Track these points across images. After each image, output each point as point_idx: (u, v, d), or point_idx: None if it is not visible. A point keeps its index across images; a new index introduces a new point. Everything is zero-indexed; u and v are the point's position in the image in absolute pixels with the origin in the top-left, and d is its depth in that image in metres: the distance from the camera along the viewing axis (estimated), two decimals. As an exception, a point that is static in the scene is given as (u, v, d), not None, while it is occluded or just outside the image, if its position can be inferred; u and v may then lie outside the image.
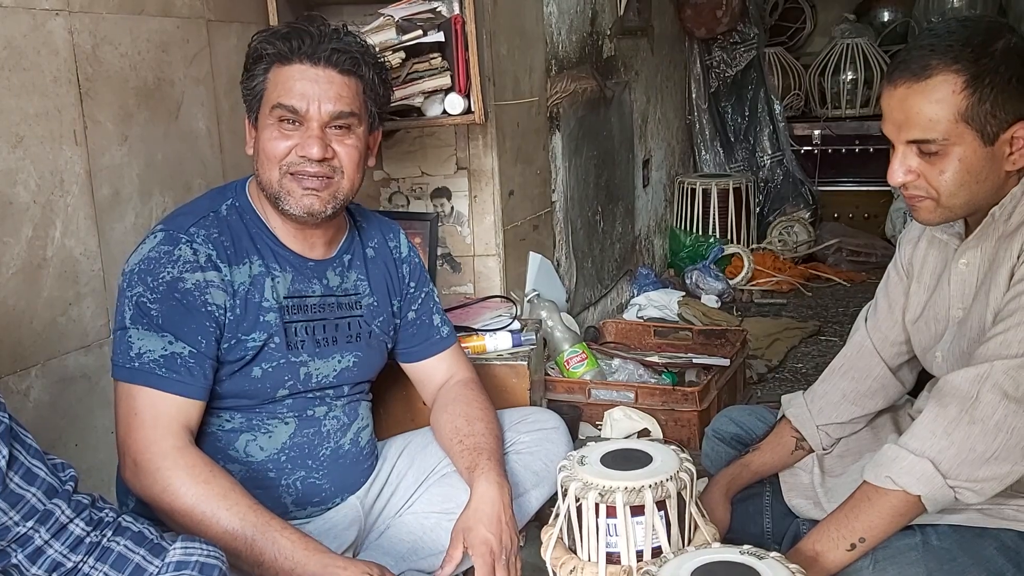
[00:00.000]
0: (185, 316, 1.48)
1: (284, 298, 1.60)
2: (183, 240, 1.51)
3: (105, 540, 1.13)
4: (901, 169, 1.38)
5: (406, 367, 1.85)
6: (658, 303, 3.67)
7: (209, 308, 1.50)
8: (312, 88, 1.53)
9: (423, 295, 1.85)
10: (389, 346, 1.80)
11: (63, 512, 1.10)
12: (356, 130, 1.59)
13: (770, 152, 4.97)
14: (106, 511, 1.14)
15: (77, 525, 1.11)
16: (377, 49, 2.07)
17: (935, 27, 1.39)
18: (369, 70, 1.59)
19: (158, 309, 1.47)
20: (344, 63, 1.55)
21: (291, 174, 1.55)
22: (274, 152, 1.54)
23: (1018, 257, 1.36)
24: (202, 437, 1.57)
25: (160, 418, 1.44)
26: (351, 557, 1.49)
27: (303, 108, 1.53)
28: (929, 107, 1.32)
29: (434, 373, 1.85)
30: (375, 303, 1.72)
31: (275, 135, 1.54)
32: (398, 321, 1.79)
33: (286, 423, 1.62)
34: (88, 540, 1.11)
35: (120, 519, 1.15)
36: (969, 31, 1.33)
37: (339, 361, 1.67)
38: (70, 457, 1.57)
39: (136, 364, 1.45)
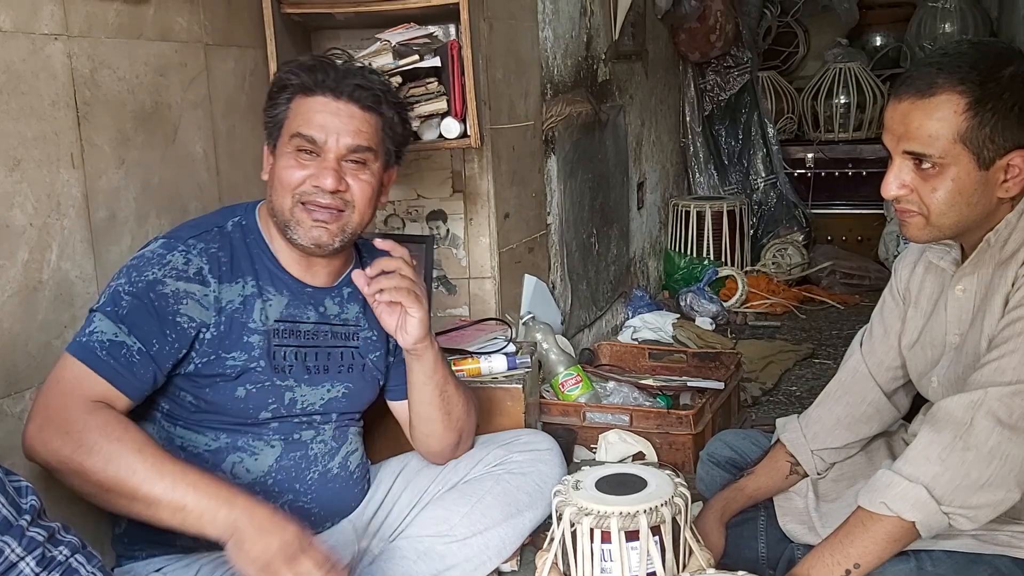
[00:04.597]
0: (149, 316, 1.49)
1: (275, 321, 1.60)
2: (179, 249, 1.55)
3: None
4: (895, 182, 1.39)
5: (394, 405, 1.85)
6: (653, 325, 3.68)
7: (178, 319, 1.51)
8: (332, 121, 1.56)
9: None
10: (381, 382, 1.79)
11: (13, 551, 1.06)
12: (371, 166, 1.61)
13: (764, 175, 4.99)
14: (61, 547, 1.11)
15: (28, 565, 1.07)
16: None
17: (947, 46, 1.41)
18: (390, 109, 1.63)
19: (128, 302, 1.49)
20: (366, 99, 1.58)
21: (303, 204, 1.56)
22: (289, 180, 1.57)
23: (1013, 284, 1.37)
24: (188, 459, 1.55)
25: (81, 389, 1.43)
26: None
27: (321, 139, 1.56)
28: (930, 124, 1.33)
29: None
30: (373, 337, 1.72)
31: (291, 164, 1.57)
32: (392, 359, 1.79)
33: (272, 446, 1.62)
34: None
35: (72, 559, 1.11)
36: (979, 54, 1.34)
37: (328, 390, 1.67)
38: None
39: (84, 340, 1.47)
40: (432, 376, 1.71)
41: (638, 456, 2.52)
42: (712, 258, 4.47)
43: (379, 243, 1.62)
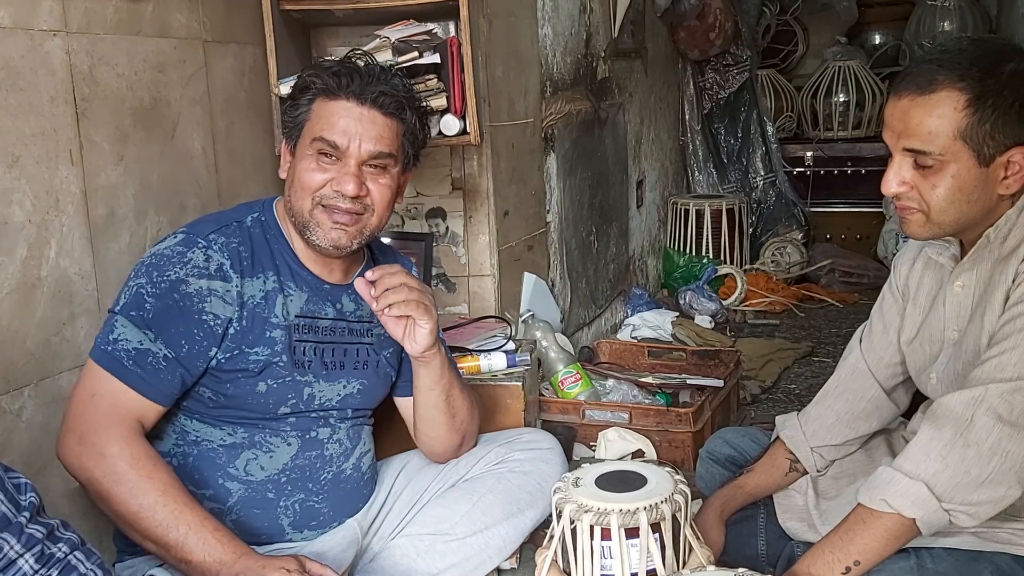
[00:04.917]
0: (176, 318, 1.50)
1: (296, 316, 1.61)
2: (199, 245, 1.54)
3: None
4: (895, 179, 1.39)
5: (397, 401, 1.85)
6: (652, 323, 3.68)
7: (204, 317, 1.51)
8: (355, 126, 1.56)
9: None
10: (393, 378, 1.80)
11: (12, 547, 1.06)
12: (391, 170, 1.61)
13: (763, 173, 5.00)
14: (60, 544, 1.11)
15: (26, 562, 1.07)
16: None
17: (947, 43, 1.41)
18: (412, 114, 1.63)
19: (153, 304, 1.49)
20: (390, 106, 1.58)
21: (323, 206, 1.57)
22: (310, 183, 1.57)
23: (1013, 280, 1.37)
24: (202, 453, 1.58)
25: (117, 408, 1.46)
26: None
27: (344, 145, 1.56)
28: (930, 120, 1.33)
29: None
30: (385, 334, 1.73)
31: (312, 167, 1.57)
32: (404, 354, 1.79)
33: (288, 443, 1.62)
34: None
35: (71, 556, 1.11)
36: (979, 51, 1.34)
37: (344, 386, 1.67)
38: (62, 479, 1.57)
39: (110, 348, 1.48)
40: (438, 382, 1.71)
41: (637, 454, 2.52)
42: (711, 256, 4.47)
43: (370, 275, 1.58)
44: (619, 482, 1.43)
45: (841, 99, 5.21)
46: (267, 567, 1.39)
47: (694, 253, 4.49)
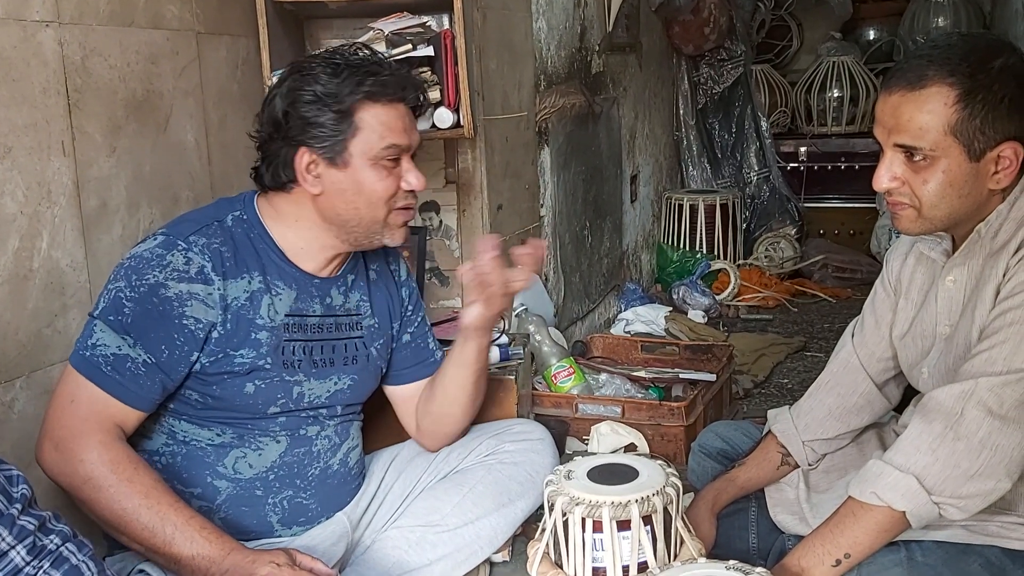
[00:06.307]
0: (155, 323, 1.48)
1: (285, 316, 1.59)
2: (179, 247, 1.51)
3: (40, 573, 1.08)
4: (887, 175, 1.39)
5: (391, 390, 1.85)
6: (645, 318, 3.68)
7: (185, 321, 1.49)
8: (408, 123, 1.60)
9: (419, 319, 1.86)
10: (383, 370, 1.80)
11: (3, 539, 1.06)
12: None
13: (757, 168, 5.00)
14: (52, 536, 1.10)
15: (18, 553, 1.07)
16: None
17: (937, 39, 1.41)
18: (425, 103, 1.69)
19: (131, 309, 1.47)
20: (414, 100, 1.63)
21: (396, 208, 1.60)
22: (385, 192, 1.58)
23: (1004, 275, 1.37)
24: (190, 452, 1.57)
25: (95, 413, 1.45)
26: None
27: (405, 144, 1.59)
28: (920, 116, 1.33)
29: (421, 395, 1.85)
30: (376, 324, 1.72)
31: (383, 175, 1.57)
32: (394, 344, 1.79)
33: (277, 441, 1.62)
34: (26, 571, 1.07)
35: (63, 548, 1.11)
36: (969, 46, 1.35)
37: (335, 383, 1.67)
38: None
39: (88, 354, 1.46)
40: (477, 358, 1.74)
41: (630, 447, 2.53)
42: (705, 251, 4.48)
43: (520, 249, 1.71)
44: (611, 475, 1.43)
45: (835, 94, 5.22)
46: (257, 562, 1.39)
47: (688, 248, 4.49)
